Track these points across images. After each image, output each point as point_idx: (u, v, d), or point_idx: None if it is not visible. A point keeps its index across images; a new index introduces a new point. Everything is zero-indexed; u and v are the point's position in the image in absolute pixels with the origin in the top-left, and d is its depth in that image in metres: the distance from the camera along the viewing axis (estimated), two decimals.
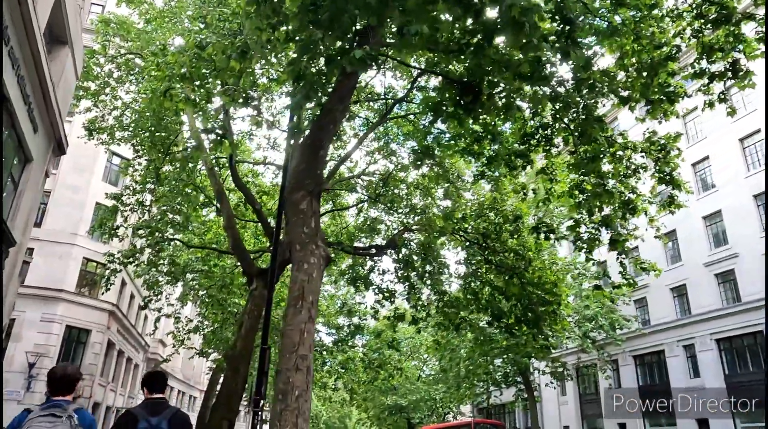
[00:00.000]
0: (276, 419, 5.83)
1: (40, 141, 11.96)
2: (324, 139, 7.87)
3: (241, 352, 13.44)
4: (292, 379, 6.01)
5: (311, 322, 6.46)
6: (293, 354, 6.16)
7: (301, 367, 6.12)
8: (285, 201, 7.41)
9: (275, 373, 6.35)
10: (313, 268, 6.77)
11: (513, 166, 13.30)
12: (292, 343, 6.23)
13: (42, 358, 22.57)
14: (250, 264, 14.95)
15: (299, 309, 6.43)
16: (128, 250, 17.25)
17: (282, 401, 5.89)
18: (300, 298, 6.50)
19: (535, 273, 15.06)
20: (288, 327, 6.36)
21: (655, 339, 28.63)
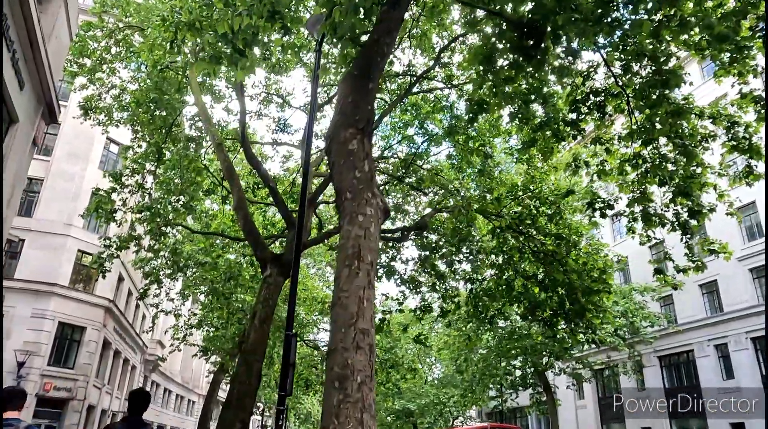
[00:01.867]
0: (332, 414, 4.30)
1: (26, 100, 10.42)
2: (373, 70, 6.37)
3: (254, 345, 11.94)
4: (351, 360, 4.48)
5: (371, 288, 4.94)
6: (351, 328, 4.63)
7: (362, 345, 4.59)
8: (330, 141, 5.87)
9: (327, 353, 4.81)
10: (370, 221, 5.25)
11: (561, 136, 11.92)
12: (348, 314, 4.70)
13: (32, 356, 20.93)
14: (263, 248, 13.44)
15: (355, 271, 4.91)
16: (126, 235, 15.67)
17: (339, 390, 4.36)
18: (355, 257, 4.98)
19: (580, 258, 13.56)
20: (342, 294, 4.83)
21: (683, 338, 27.12)
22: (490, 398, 33.89)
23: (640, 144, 11.18)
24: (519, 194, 14.71)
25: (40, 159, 24.12)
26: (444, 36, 16.82)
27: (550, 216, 14.32)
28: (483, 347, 28.42)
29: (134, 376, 33.00)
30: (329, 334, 4.84)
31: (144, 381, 35.94)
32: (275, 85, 19.40)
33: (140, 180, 16.11)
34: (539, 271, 14.41)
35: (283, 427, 8.22)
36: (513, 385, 29.61)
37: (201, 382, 52.83)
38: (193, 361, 49.57)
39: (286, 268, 13.12)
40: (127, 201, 16.02)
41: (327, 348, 4.80)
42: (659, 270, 11.44)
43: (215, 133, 14.61)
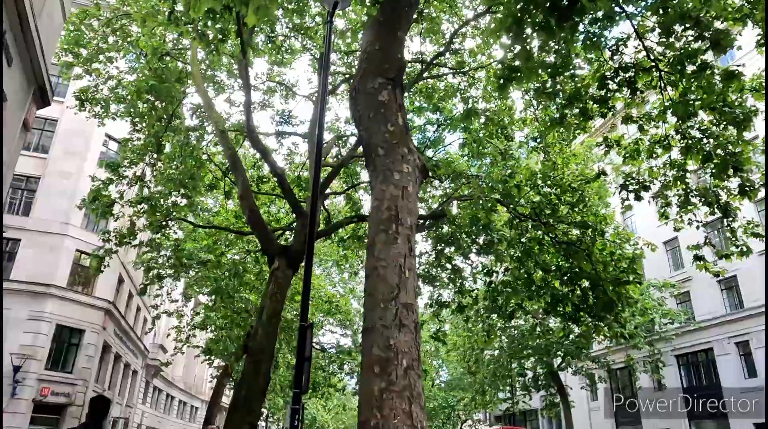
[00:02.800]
0: (372, 405, 3.49)
1: (16, 78, 9.65)
2: (401, 17, 5.58)
3: (262, 342, 11.10)
4: (393, 341, 3.68)
5: (412, 256, 4.14)
6: (392, 303, 3.83)
7: (406, 323, 3.79)
8: (357, 92, 5.07)
9: (362, 332, 4.00)
10: (407, 179, 4.45)
11: (589, 114, 11.17)
12: (388, 287, 3.90)
13: (29, 360, 20.08)
14: (270, 240, 12.64)
15: (393, 236, 4.11)
16: (126, 230, 14.87)
17: (381, 377, 3.55)
18: (393, 220, 4.19)
19: (607, 248, 12.74)
20: (379, 263, 4.03)
21: (701, 336, 26.21)
22: (501, 400, 32.93)
23: (676, 121, 10.46)
24: (538, 183, 13.94)
25: (36, 156, 23.41)
26: (454, 22, 16.15)
27: (573, 204, 13.53)
28: (494, 348, 27.59)
29: (135, 381, 32.12)
30: (364, 311, 4.04)
31: (146, 386, 35.07)
32: (278, 77, 18.72)
33: (139, 172, 15.37)
34: (562, 262, 13.61)
35: (300, 427, 7.40)
36: (525, 387, 28.70)
37: (204, 388, 51.89)
38: (196, 366, 48.68)
39: (295, 260, 12.34)
40: (125, 194, 15.24)
41: (362, 327, 3.98)
42: (699, 256, 10.62)
43: (218, 120, 13.85)
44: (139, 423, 33.39)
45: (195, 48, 15.68)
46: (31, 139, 23.89)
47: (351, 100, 5.09)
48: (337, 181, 17.46)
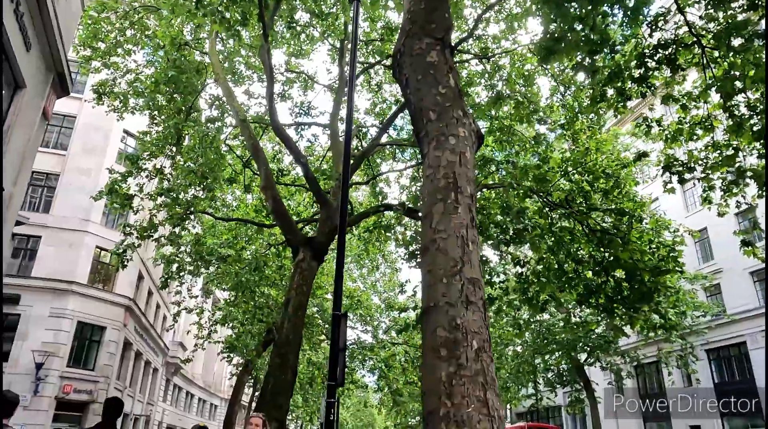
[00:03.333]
0: (439, 393, 3.06)
1: (34, 64, 9.37)
2: None
3: (288, 335, 10.74)
4: (461, 320, 3.24)
5: (474, 228, 3.70)
6: (456, 278, 3.40)
7: (473, 300, 3.36)
8: (401, 55, 4.63)
9: (421, 313, 3.57)
10: (464, 144, 4.02)
11: (628, 94, 10.67)
12: (450, 260, 3.47)
13: (51, 357, 19.99)
14: (294, 231, 12.29)
15: (452, 205, 3.68)
16: (147, 223, 14.62)
17: (448, 361, 3.13)
18: (451, 188, 3.76)
19: (645, 235, 12.17)
20: (438, 235, 3.60)
21: (733, 330, 25.40)
22: (524, 397, 32.33)
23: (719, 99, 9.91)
24: (569, 169, 13.40)
25: (55, 153, 23.35)
26: (477, 6, 15.67)
27: (606, 191, 12.98)
28: (516, 343, 27.04)
29: (156, 378, 32.08)
30: (422, 288, 3.60)
31: (166, 384, 35.05)
32: (297, 68, 18.41)
33: (158, 165, 15.13)
34: (595, 252, 13.07)
35: (336, 421, 7.01)
36: (550, 383, 28.09)
37: (223, 386, 51.93)
38: (215, 364, 48.69)
39: (320, 252, 11.98)
40: (144, 187, 15.00)
41: (421, 307, 3.55)
42: (747, 242, 10.02)
43: (239, 109, 13.52)
44: (159, 421, 33.37)
45: (214, 40, 15.43)
46: (50, 136, 23.85)
47: (394, 63, 4.65)
48: (357, 174, 17.07)
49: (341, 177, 13.45)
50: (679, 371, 25.99)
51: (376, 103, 18.53)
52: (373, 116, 18.53)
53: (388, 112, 17.70)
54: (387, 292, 26.78)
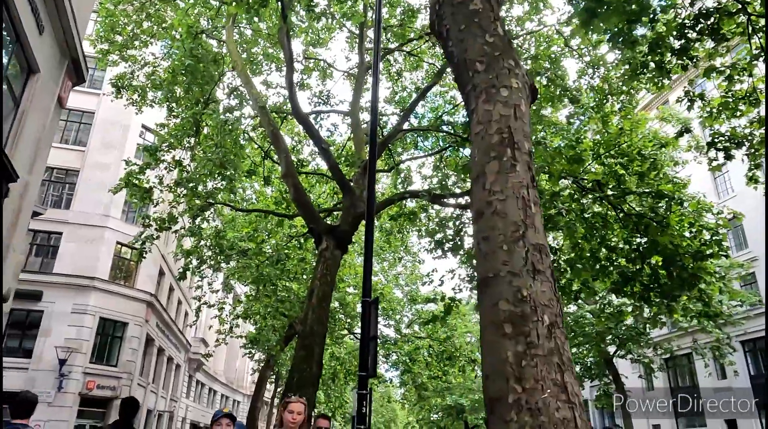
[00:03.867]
0: (507, 376, 2.59)
1: (47, 48, 9.07)
2: None
3: (312, 327, 10.34)
4: (528, 292, 2.77)
5: (535, 189, 3.21)
6: (518, 244, 2.92)
7: (540, 268, 2.89)
8: (441, 4, 4.15)
9: (478, 284, 3.08)
10: (518, 96, 3.53)
11: (667, 68, 10.04)
12: (510, 224, 3.00)
13: (74, 353, 19.91)
14: (317, 219, 11.89)
15: (509, 163, 3.20)
16: (167, 215, 14.37)
17: (515, 339, 2.66)
18: (507, 145, 3.27)
19: (686, 218, 11.51)
20: (494, 197, 3.12)
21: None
22: None
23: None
24: (601, 152, 12.77)
25: (74, 149, 23.29)
26: None
27: (642, 174, 12.33)
28: None
29: (179, 375, 32.07)
30: (479, 258, 3.13)
31: (189, 380, 35.06)
32: (315, 58, 18.04)
33: (177, 156, 14.88)
34: (632, 237, 12.46)
35: (369, 414, 6.59)
36: (578, 376, 27.35)
37: (245, 382, 52.02)
38: (236, 360, 48.76)
39: (343, 240, 11.57)
40: (163, 179, 14.75)
41: (479, 278, 3.07)
42: None
43: (257, 96, 13.15)
44: (183, 417, 33.38)
45: (231, 28, 15.10)
46: (69, 132, 23.82)
47: (433, 14, 4.17)
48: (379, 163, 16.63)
49: (364, 164, 13.06)
50: (712, 364, 25.09)
51: (396, 92, 18.12)
52: (393, 105, 18.11)
53: (408, 100, 17.26)
54: (409, 285, 26.32)
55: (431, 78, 16.38)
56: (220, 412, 4.55)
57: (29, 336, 20.27)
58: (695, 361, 26.64)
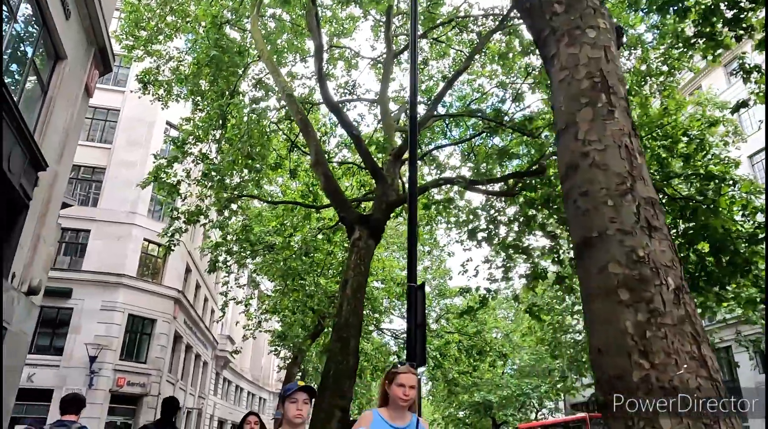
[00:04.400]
0: (628, 349, 2.17)
1: (74, 34, 8.86)
2: None
3: (348, 318, 9.99)
4: (645, 251, 2.35)
5: (637, 137, 2.77)
6: (626, 198, 2.51)
7: (656, 225, 2.47)
8: None
9: (578, 246, 2.67)
10: (606, 37, 3.08)
11: (720, 40, 9.46)
12: (613, 177, 2.58)
13: (104, 350, 19.91)
14: (348, 208, 11.54)
15: (605, 109, 2.77)
16: (194, 208, 14.19)
17: (636, 306, 2.24)
18: (599, 89, 2.85)
19: (738, 201, 10.88)
20: (590, 148, 2.71)
21: None
22: (584, 386, 30.90)
23: None
24: (642, 134, 12.19)
25: (100, 147, 23.34)
26: None
27: (688, 155, 11.71)
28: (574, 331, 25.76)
29: (206, 372, 32.10)
30: (575, 216, 2.71)
31: (216, 378, 35.11)
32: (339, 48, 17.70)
33: (204, 149, 14.70)
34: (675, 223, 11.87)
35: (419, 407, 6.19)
36: None
37: (271, 380, 52.12)
38: (262, 357, 48.85)
39: (377, 229, 11.20)
40: (190, 172, 14.58)
41: (579, 240, 2.65)
42: None
43: (285, 83, 12.84)
44: (211, 414, 33.43)
45: (255, 17, 14.84)
46: (95, 130, 23.88)
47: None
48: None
49: (395, 151, 12.67)
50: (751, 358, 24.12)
51: (422, 80, 17.72)
52: (419, 94, 17.71)
53: (435, 89, 16.87)
54: (437, 280, 25.88)
55: (458, 66, 15.94)
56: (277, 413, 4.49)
57: (60, 334, 20.33)
58: (735, 355, 25.66)
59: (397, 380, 3.13)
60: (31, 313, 8.46)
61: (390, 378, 3.20)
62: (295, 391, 3.16)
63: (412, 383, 3.11)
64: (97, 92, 21.59)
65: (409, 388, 3.09)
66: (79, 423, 5.20)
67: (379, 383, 3.35)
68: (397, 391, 3.10)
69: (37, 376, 18.84)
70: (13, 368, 8.08)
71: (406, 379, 3.12)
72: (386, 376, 3.25)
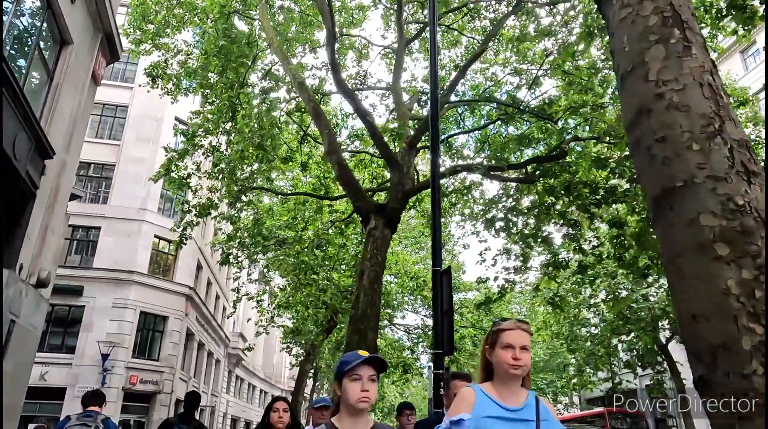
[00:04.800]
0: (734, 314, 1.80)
1: (80, 19, 8.58)
2: None
3: (365, 310, 9.66)
4: (744, 199, 1.98)
5: (718, 75, 2.40)
6: (715, 141, 2.13)
7: (754, 169, 2.09)
8: None
9: (654, 200, 2.31)
10: None
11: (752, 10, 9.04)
12: (697, 118, 2.23)
13: (116, 348, 19.73)
14: (363, 197, 11.22)
15: (680, 46, 2.42)
16: (205, 201, 13.93)
17: (739, 263, 1.87)
18: (672, 24, 2.51)
19: None
20: (666, 88, 2.35)
21: None
22: (601, 380, 30.39)
23: None
24: None
25: (110, 144, 23.18)
26: None
27: None
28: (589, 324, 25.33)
29: (219, 370, 31.95)
30: (650, 166, 2.35)
31: (228, 376, 34.97)
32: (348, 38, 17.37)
33: (214, 142, 14.45)
34: None
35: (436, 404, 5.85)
36: (629, 364, 26.10)
37: (282, 377, 52.00)
38: (274, 355, 48.71)
39: (392, 218, 10.86)
40: (201, 165, 14.33)
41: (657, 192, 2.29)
42: None
43: (296, 71, 12.53)
44: (224, 412, 33.29)
45: (264, 6, 14.55)
46: (104, 127, 23.73)
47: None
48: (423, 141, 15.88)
49: (409, 139, 12.33)
50: None
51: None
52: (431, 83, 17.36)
53: (447, 78, 16.48)
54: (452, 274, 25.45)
55: (470, 54, 15.56)
56: (323, 399, 4.50)
57: (71, 332, 20.20)
58: None
59: (502, 340, 2.15)
60: (39, 307, 8.21)
61: (492, 339, 2.23)
62: (359, 364, 2.11)
63: (523, 342, 2.14)
64: (106, 89, 21.50)
65: (521, 350, 2.12)
66: (104, 414, 5.51)
67: (480, 350, 2.36)
68: (503, 355, 2.13)
69: (49, 374, 18.70)
70: (22, 364, 7.84)
71: (516, 337, 2.14)
72: (487, 338, 2.31)
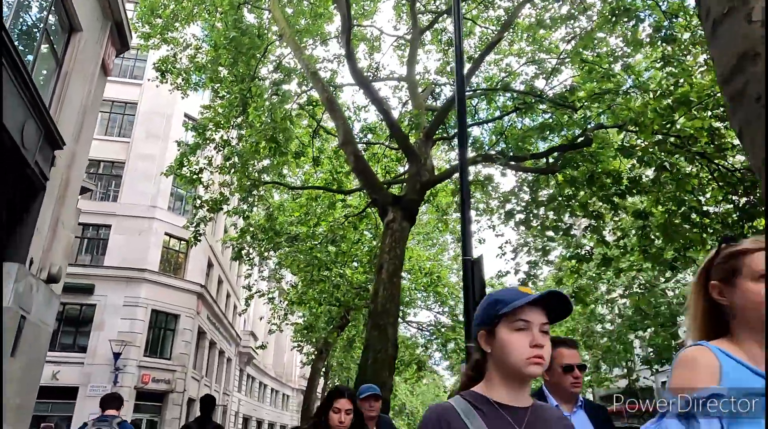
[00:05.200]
0: None
1: (89, 6, 8.31)
2: None
3: (385, 304, 9.35)
4: None
5: None
6: None
7: None
8: None
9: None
10: None
11: None
12: None
13: (128, 347, 19.55)
14: (379, 189, 10.90)
15: None
16: (218, 196, 13.68)
17: None
18: None
19: None
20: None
21: None
22: (618, 377, 29.98)
23: None
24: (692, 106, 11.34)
25: (119, 141, 23.01)
26: None
27: None
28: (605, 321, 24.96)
29: (230, 368, 31.77)
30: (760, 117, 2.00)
31: (239, 374, 34.81)
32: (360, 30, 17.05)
33: (225, 136, 14.19)
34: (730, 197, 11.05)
35: None
36: (647, 361, 25.70)
37: (293, 376, 51.83)
38: (285, 354, 48.53)
39: (411, 210, 10.54)
40: (212, 160, 14.08)
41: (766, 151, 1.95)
42: None
43: (308, 61, 12.23)
44: (236, 411, 33.14)
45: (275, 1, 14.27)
46: (113, 125, 23.57)
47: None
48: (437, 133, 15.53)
49: (426, 130, 11.99)
50: None
51: (447, 62, 16.99)
52: (445, 76, 17.00)
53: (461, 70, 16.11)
54: None
55: (484, 45, 15.18)
56: (369, 387, 4.49)
57: (83, 331, 20.05)
58: None
59: (751, 266, 1.44)
60: (51, 303, 7.95)
61: (727, 269, 1.49)
62: (527, 305, 1.47)
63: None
64: (114, 85, 21.30)
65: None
66: (120, 417, 5.55)
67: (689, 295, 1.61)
68: (759, 290, 1.42)
69: (61, 374, 18.55)
70: (33, 361, 7.58)
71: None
72: (705, 270, 1.58)
